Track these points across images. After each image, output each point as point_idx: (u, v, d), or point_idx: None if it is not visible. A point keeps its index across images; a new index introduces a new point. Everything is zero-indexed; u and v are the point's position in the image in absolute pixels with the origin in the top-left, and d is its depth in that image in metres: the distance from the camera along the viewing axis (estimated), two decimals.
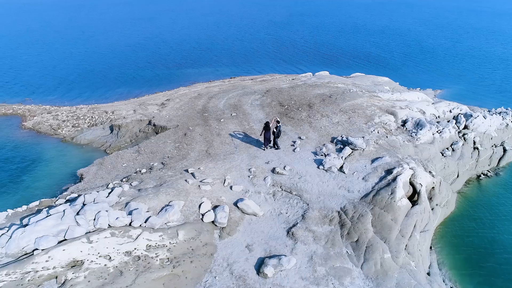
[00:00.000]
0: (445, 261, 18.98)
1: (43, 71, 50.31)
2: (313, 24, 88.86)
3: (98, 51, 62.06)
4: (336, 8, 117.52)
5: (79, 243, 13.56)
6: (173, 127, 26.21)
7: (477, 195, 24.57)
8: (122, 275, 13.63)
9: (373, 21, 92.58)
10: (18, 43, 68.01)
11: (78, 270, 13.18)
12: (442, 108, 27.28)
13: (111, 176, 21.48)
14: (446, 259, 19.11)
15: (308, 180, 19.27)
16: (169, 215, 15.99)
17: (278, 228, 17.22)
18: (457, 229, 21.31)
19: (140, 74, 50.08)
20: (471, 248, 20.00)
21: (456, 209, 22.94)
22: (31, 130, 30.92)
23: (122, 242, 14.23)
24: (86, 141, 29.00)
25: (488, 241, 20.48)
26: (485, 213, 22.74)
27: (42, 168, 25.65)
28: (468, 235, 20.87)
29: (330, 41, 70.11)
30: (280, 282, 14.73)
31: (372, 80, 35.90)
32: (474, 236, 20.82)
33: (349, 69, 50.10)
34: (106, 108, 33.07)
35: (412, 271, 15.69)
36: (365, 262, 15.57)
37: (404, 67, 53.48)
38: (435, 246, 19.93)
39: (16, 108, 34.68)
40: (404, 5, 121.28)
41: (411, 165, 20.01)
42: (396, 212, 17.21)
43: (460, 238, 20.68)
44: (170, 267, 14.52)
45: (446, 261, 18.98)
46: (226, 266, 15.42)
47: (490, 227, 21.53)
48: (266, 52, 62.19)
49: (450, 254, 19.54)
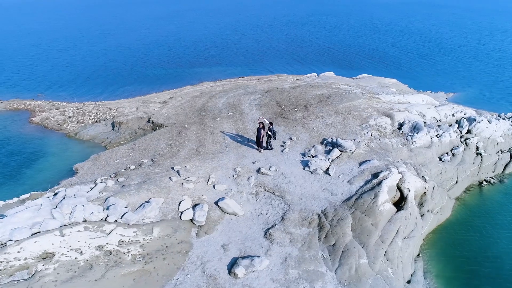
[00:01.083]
0: (433, 270, 18.35)
1: (60, 68, 51.92)
2: (332, 24, 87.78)
3: (115, 49, 63.49)
4: (357, 8, 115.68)
5: (51, 236, 13.92)
6: (170, 125, 26.52)
7: (476, 202, 23.67)
8: (92, 269, 13.89)
9: (394, 21, 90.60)
10: (41, 40, 70.44)
11: (48, 262, 13.53)
12: (444, 112, 26.41)
13: (102, 171, 21.94)
14: (433, 268, 18.48)
15: (292, 181, 19.09)
16: (146, 212, 16.19)
17: (257, 228, 17.14)
18: (450, 237, 20.56)
19: (152, 72, 50.90)
20: (463, 257, 19.24)
21: (452, 216, 22.16)
22: (38, 125, 31.99)
23: (94, 237, 14.51)
24: (89, 136, 29.74)
25: (482, 251, 19.64)
26: (482, 221, 21.85)
27: (44, 161, 26.50)
28: (461, 244, 20.10)
29: (347, 41, 69.12)
30: (251, 283, 14.65)
31: (379, 81, 35.16)
32: (467, 245, 20.03)
33: (360, 70, 49.20)
34: (111, 105, 33.81)
35: (389, 278, 15.28)
36: (340, 267, 15.28)
37: (419, 69, 52.11)
38: (424, 253, 19.33)
39: (27, 104, 35.97)
40: (429, 6, 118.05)
41: (401, 169, 19.48)
42: (377, 217, 16.79)
43: (452, 247, 19.94)
44: (141, 263, 14.69)
45: (433, 270, 18.35)
46: (199, 265, 15.47)
47: (486, 236, 20.67)
48: (280, 52, 61.94)
49: (439, 262, 18.89)
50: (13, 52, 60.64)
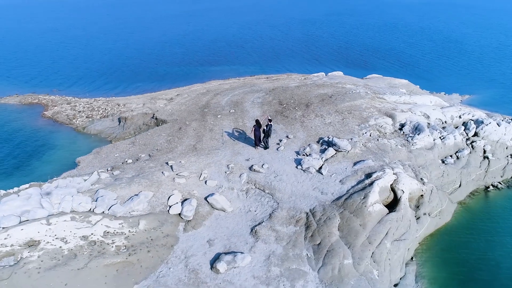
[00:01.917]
0: (426, 274, 17.88)
1: (77, 65, 53.27)
2: (352, 24, 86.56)
3: (132, 47, 64.61)
4: (379, 9, 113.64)
5: (38, 224, 14.32)
6: (172, 121, 26.83)
7: (480, 207, 22.90)
8: (75, 258, 14.21)
9: (415, 21, 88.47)
10: (63, 37, 72.50)
11: (33, 250, 13.94)
12: (450, 113, 25.62)
13: (102, 164, 22.41)
14: (427, 272, 18.01)
15: (283, 179, 18.97)
16: (134, 204, 16.44)
17: (244, 225, 17.13)
18: (448, 242, 19.98)
19: (165, 70, 51.54)
20: (459, 262, 18.66)
21: (453, 220, 21.51)
22: (49, 119, 32.96)
23: (80, 227, 14.85)
24: (96, 131, 30.44)
25: (481, 257, 19.01)
26: (484, 227, 21.13)
27: (50, 154, 27.31)
28: (458, 249, 19.49)
29: (364, 41, 68.06)
30: (231, 279, 14.67)
31: (388, 82, 34.46)
32: (466, 251, 19.40)
33: (375, 71, 48.27)
34: (119, 101, 34.49)
35: (373, 280, 14.98)
36: (323, 266, 15.09)
37: (436, 70, 50.76)
38: (419, 257, 18.86)
39: (42, 98, 37.12)
40: (453, 6, 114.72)
41: (396, 170, 19.05)
42: (366, 218, 16.48)
43: (449, 252, 19.36)
44: (125, 255, 14.93)
45: (426, 274, 17.88)
46: (183, 259, 15.59)
47: (487, 242, 19.96)
48: (294, 52, 61.58)
49: (434, 267, 18.39)
50: (34, 49, 62.65)
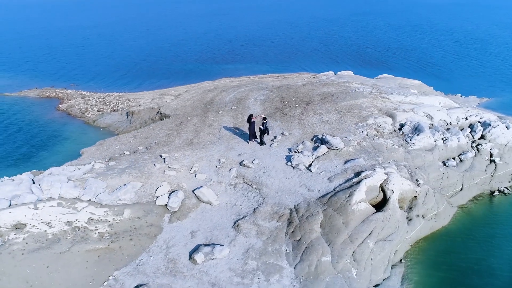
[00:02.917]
0: (414, 277, 17.41)
1: (98, 61, 55.10)
2: (376, 24, 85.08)
3: (153, 45, 66.14)
4: (406, 8, 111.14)
5: (25, 208, 15.00)
6: (175, 116, 27.32)
7: (482, 212, 22.04)
8: (59, 242, 14.78)
9: (442, 22, 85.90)
10: (89, 34, 75.08)
11: (19, 232, 14.61)
12: (456, 115, 24.80)
13: (102, 155, 23.12)
14: (415, 275, 17.54)
15: (272, 175, 18.98)
16: (121, 194, 16.91)
17: (228, 219, 17.28)
18: (442, 246, 19.36)
19: (182, 67, 52.45)
20: (452, 268, 18.01)
21: (451, 224, 20.82)
22: (63, 111, 34.29)
23: (65, 212, 15.43)
24: (105, 124, 31.42)
25: (474, 264, 18.29)
26: (483, 233, 20.31)
27: (59, 144, 28.46)
28: (452, 254, 18.82)
29: (385, 41, 66.85)
30: (207, 270, 14.85)
31: (399, 82, 33.69)
32: (460, 256, 18.70)
33: (390, 71, 47.29)
34: (130, 96, 35.43)
35: (350, 278, 14.78)
36: (300, 262, 15.02)
37: (456, 71, 49.19)
38: (408, 259, 18.41)
39: (58, 92, 38.66)
40: (483, 7, 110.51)
41: (388, 170, 18.67)
42: (349, 216, 16.25)
43: (442, 256, 18.76)
44: (107, 241, 15.39)
45: (415, 277, 17.41)
46: (164, 248, 15.91)
47: (483, 249, 19.21)
48: (313, 51, 61.26)
49: (424, 270, 17.88)
50: (61, 45, 65.24)
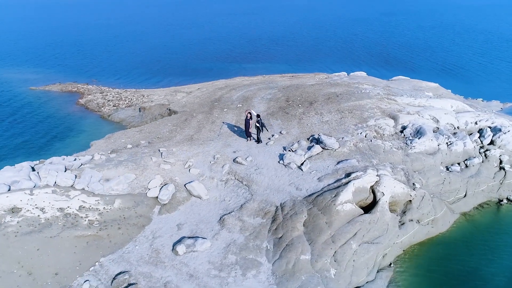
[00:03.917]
0: (403, 282, 17.08)
1: (123, 57, 57.04)
2: (407, 25, 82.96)
3: (178, 43, 67.70)
4: (441, 10, 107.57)
5: (21, 194, 15.92)
6: (182, 112, 27.97)
7: (486, 221, 21.21)
8: (50, 227, 15.61)
9: (478, 24, 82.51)
10: (119, 32, 77.67)
11: (14, 216, 15.55)
12: (465, 119, 23.96)
13: (107, 148, 24.02)
14: (404, 280, 17.18)
15: (263, 173, 19.13)
16: (113, 184, 17.60)
17: (215, 213, 17.60)
18: (437, 252, 18.79)
19: (203, 66, 53.34)
20: (445, 275, 17.46)
21: (450, 231, 20.19)
22: (82, 106, 35.83)
23: (58, 199, 16.25)
24: (118, 119, 32.58)
25: (469, 273, 17.64)
26: (484, 242, 19.52)
27: (73, 137, 29.84)
28: (447, 261, 18.26)
29: (413, 43, 65.36)
30: (188, 261, 15.23)
31: (414, 84, 32.85)
32: (455, 264, 18.10)
33: (411, 72, 46.20)
34: (145, 93, 36.51)
35: (327, 278, 14.71)
36: (279, 259, 15.12)
37: (483, 74, 47.32)
38: (399, 264, 18.04)
39: (80, 87, 40.39)
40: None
41: (381, 172, 18.37)
42: (333, 216, 16.16)
43: (436, 263, 18.26)
44: (96, 229, 16.08)
45: (403, 283, 17.06)
46: (151, 239, 16.44)
47: (481, 258, 18.48)
48: (334, 51, 60.74)
49: (414, 276, 17.47)
50: (90, 42, 67.95)
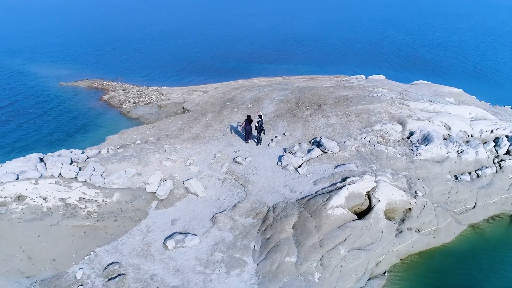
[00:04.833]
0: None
1: (151, 56, 58.62)
2: (443, 27, 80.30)
3: (207, 42, 68.72)
4: (483, 11, 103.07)
5: (27, 183, 16.94)
6: (194, 111, 28.55)
7: (495, 234, 20.29)
8: (51, 215, 16.51)
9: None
10: (151, 31, 79.88)
11: (19, 203, 16.57)
12: (480, 126, 22.93)
13: (119, 143, 24.95)
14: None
15: (260, 173, 19.24)
16: (114, 178, 18.32)
17: (209, 211, 17.92)
18: (438, 263, 18.23)
19: (224, 65, 53.99)
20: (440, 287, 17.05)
21: (455, 242, 19.47)
22: (104, 102, 37.31)
23: (61, 190, 17.14)
24: (137, 115, 33.69)
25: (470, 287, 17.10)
26: (489, 256, 18.74)
27: (92, 131, 31.20)
28: (448, 273, 17.73)
29: (446, 46, 63.21)
30: (176, 256, 15.64)
31: (435, 90, 31.74)
32: (456, 276, 17.51)
33: (438, 77, 44.76)
34: (164, 91, 37.50)
35: (311, 281, 14.65)
36: (264, 260, 15.21)
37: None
38: (394, 273, 17.65)
39: (105, 84, 42.04)
40: None
41: (380, 178, 18.01)
42: (323, 220, 16.03)
43: (434, 274, 17.73)
44: (93, 220, 16.83)
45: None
46: (145, 232, 16.99)
47: (482, 273, 17.71)
48: (362, 53, 59.75)
49: (408, 286, 17.10)
50: (122, 40, 70.32)
